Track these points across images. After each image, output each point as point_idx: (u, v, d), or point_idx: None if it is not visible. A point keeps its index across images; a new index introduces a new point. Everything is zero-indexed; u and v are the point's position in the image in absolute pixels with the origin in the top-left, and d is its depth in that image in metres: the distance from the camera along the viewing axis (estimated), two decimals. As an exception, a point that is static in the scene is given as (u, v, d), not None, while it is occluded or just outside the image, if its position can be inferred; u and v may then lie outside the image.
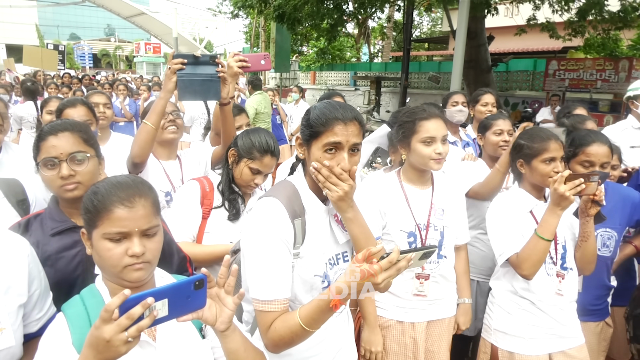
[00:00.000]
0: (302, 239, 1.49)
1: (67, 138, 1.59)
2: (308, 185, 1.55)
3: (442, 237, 2.14)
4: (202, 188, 2.16)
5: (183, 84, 2.08)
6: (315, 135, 1.45)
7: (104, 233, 1.15)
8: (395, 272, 1.17)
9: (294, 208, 1.48)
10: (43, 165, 1.57)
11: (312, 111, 1.51)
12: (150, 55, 42.93)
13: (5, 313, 1.20)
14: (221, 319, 1.10)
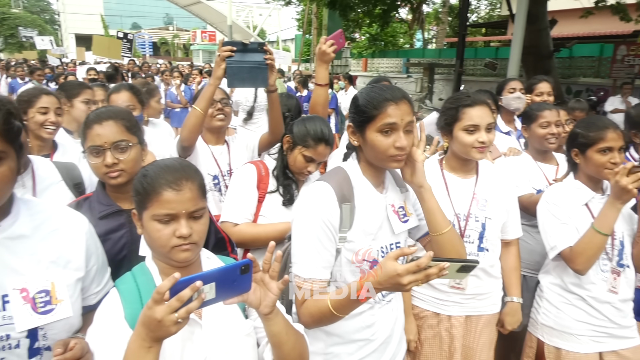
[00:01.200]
0: (350, 224, 1.51)
1: (110, 127, 1.64)
2: (362, 171, 1.58)
3: (484, 229, 2.06)
4: (258, 172, 2.19)
5: (232, 71, 2.12)
6: (368, 119, 1.47)
7: (153, 215, 1.20)
8: (423, 278, 1.18)
9: (343, 192, 1.50)
10: (89, 153, 1.64)
11: (359, 97, 1.53)
12: (206, 43, 44.04)
13: (65, 286, 1.26)
14: (265, 302, 1.13)
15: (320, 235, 1.46)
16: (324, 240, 1.47)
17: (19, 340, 1.17)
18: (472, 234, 2.06)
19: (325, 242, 1.47)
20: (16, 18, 47.10)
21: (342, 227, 1.50)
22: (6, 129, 1.11)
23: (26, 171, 1.86)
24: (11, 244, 1.19)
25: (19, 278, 1.18)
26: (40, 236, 1.24)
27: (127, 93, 2.68)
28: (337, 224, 1.49)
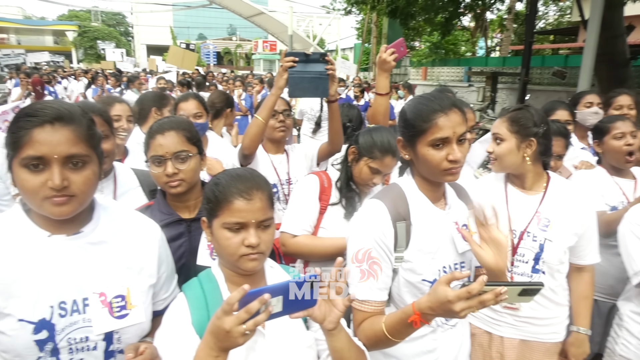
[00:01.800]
0: (406, 243, 1.46)
1: (172, 137, 1.70)
2: (417, 186, 1.52)
3: (541, 250, 1.91)
4: (320, 183, 2.17)
5: (293, 81, 2.14)
6: (418, 134, 1.41)
7: (224, 223, 1.23)
8: (477, 304, 1.12)
9: (398, 210, 1.46)
10: (152, 162, 1.71)
11: (407, 110, 1.47)
12: (267, 52, 45.14)
13: (139, 292, 1.29)
14: (330, 318, 1.12)
15: (376, 256, 1.43)
16: (380, 262, 1.43)
17: (97, 343, 1.22)
18: (526, 253, 1.93)
19: (380, 263, 1.44)
20: (95, 31, 50.76)
21: (398, 247, 1.46)
22: (89, 134, 1.17)
23: (108, 176, 1.98)
24: (92, 249, 1.23)
25: (98, 282, 1.23)
26: (118, 242, 1.29)
27: (195, 101, 2.79)
28: (392, 244, 1.45)
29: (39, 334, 1.14)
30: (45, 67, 17.57)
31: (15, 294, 1.14)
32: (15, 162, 1.12)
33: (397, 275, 1.48)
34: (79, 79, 12.39)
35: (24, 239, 1.18)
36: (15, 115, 1.15)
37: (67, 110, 1.14)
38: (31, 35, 52.42)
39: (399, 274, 1.48)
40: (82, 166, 1.15)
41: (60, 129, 1.11)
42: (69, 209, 1.14)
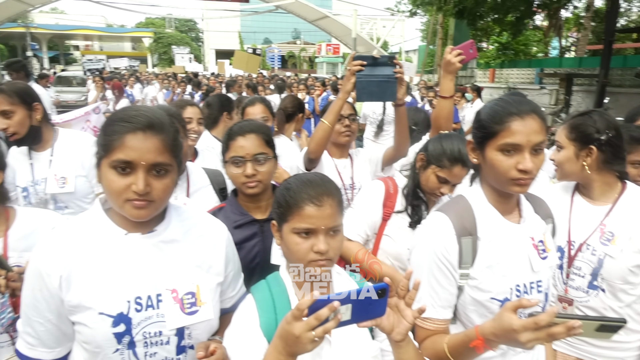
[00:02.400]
0: (472, 259, 1.38)
1: (252, 140, 1.77)
2: (486, 197, 1.42)
3: (600, 265, 1.75)
4: (386, 189, 2.12)
5: (361, 85, 2.12)
6: (488, 136, 1.33)
7: (293, 228, 1.23)
8: (545, 337, 1.05)
9: (464, 225, 1.38)
10: (231, 163, 1.77)
11: (483, 110, 1.40)
12: (330, 55, 45.51)
13: (207, 289, 1.32)
14: (398, 329, 1.09)
15: (436, 273, 1.37)
16: (440, 278, 1.38)
17: (169, 337, 1.26)
18: (583, 267, 1.79)
19: (441, 280, 1.38)
20: (169, 37, 53.60)
21: (463, 264, 1.37)
22: (174, 144, 1.21)
23: (182, 174, 2.08)
24: (165, 247, 1.28)
25: (170, 279, 1.27)
26: (188, 241, 1.33)
27: (261, 105, 2.87)
28: (456, 261, 1.37)
29: (117, 327, 1.19)
30: (124, 71, 18.80)
31: (95, 288, 1.20)
32: (105, 163, 1.17)
33: (463, 292, 1.40)
34: (152, 83, 13.09)
35: (103, 236, 1.24)
36: (110, 118, 1.21)
37: (158, 119, 1.19)
38: (112, 41, 56.36)
39: (464, 292, 1.40)
40: (164, 174, 1.19)
41: (150, 137, 1.15)
42: (146, 213, 1.18)
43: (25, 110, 2.24)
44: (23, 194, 2.31)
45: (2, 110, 2.18)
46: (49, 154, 2.33)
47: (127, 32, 58.84)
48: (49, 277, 1.19)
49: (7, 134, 2.21)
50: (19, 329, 1.29)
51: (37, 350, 1.26)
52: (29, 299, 1.24)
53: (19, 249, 1.63)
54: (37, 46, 41.59)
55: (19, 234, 1.65)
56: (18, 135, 2.22)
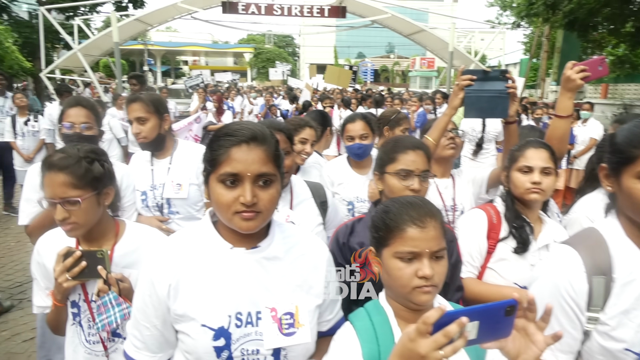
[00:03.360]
0: (604, 302, 1.23)
1: (422, 157, 1.80)
2: (625, 232, 1.26)
3: None
4: (489, 219, 2.01)
5: (470, 101, 2.05)
6: (626, 161, 1.19)
7: (396, 252, 1.19)
8: None
9: (596, 262, 1.23)
10: (396, 174, 1.76)
11: (619, 133, 1.26)
12: (424, 69, 44.87)
13: (306, 311, 1.29)
14: (525, 356, 0.98)
15: (559, 314, 1.24)
16: (563, 320, 1.25)
17: (266, 357, 1.25)
18: None
19: (564, 322, 1.25)
20: (267, 52, 56.30)
21: (592, 306, 1.23)
22: (276, 155, 1.23)
23: (286, 188, 2.15)
24: (267, 264, 1.28)
25: (270, 298, 1.26)
26: (290, 259, 1.31)
27: (362, 122, 2.87)
28: (584, 302, 1.23)
29: (218, 341, 1.21)
30: (226, 84, 20.01)
31: (200, 299, 1.22)
32: (213, 177, 1.20)
33: (590, 339, 1.26)
34: (249, 97, 13.75)
35: (210, 249, 1.27)
36: (215, 134, 1.25)
37: (261, 131, 1.21)
38: (216, 57, 60.43)
39: (592, 338, 1.25)
40: (269, 184, 1.20)
41: (254, 148, 1.18)
42: (255, 224, 1.19)
43: (157, 120, 2.48)
44: (142, 197, 2.53)
45: (138, 116, 2.44)
46: (168, 162, 2.54)
47: (230, 47, 62.76)
48: (159, 284, 1.24)
49: (138, 138, 2.45)
50: (128, 330, 1.35)
51: (141, 353, 1.31)
52: (139, 303, 1.29)
53: (121, 264, 1.67)
54: (152, 61, 45.84)
55: (124, 250, 1.69)
56: (146, 140, 2.46)
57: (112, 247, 1.68)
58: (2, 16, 18.88)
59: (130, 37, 20.90)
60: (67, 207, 1.53)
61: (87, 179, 1.56)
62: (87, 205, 1.56)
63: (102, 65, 33.19)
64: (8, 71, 13.04)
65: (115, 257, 1.67)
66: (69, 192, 1.53)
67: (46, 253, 1.69)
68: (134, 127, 2.45)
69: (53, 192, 1.53)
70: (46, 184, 1.54)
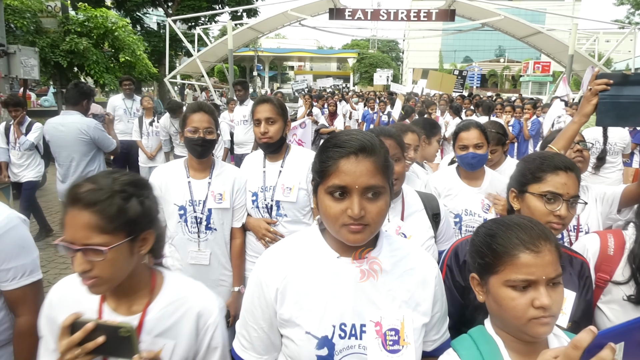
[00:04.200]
0: None
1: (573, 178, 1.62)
2: None
3: None
4: (602, 248, 1.75)
5: (605, 107, 1.87)
6: None
7: (507, 280, 1.11)
8: None
9: None
10: (542, 197, 1.59)
11: None
12: (538, 74, 41.83)
13: (412, 329, 1.24)
14: None
15: None
16: None
17: None
18: None
19: None
20: (371, 57, 56.49)
21: None
22: (385, 165, 1.19)
23: (397, 197, 2.10)
24: (373, 275, 1.25)
25: (375, 311, 1.22)
26: (397, 273, 1.27)
27: (477, 131, 2.71)
28: None
29: (321, 350, 1.19)
30: (329, 89, 20.41)
31: (305, 306, 1.22)
32: (321, 189, 1.19)
33: None
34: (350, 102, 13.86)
35: (317, 257, 1.27)
36: (324, 145, 1.23)
37: (370, 142, 1.17)
38: (320, 62, 62.01)
39: None
40: (378, 197, 1.17)
41: (363, 160, 1.15)
42: (362, 237, 1.16)
43: (283, 122, 2.60)
44: (252, 198, 2.65)
45: (268, 117, 2.55)
46: (280, 165, 2.64)
47: (334, 53, 64.04)
48: (267, 287, 1.25)
49: (264, 138, 2.56)
50: (237, 329, 1.37)
51: (248, 353, 1.33)
52: (248, 304, 1.31)
53: (154, 331, 1.32)
54: (261, 67, 48.39)
55: (160, 312, 1.35)
56: (271, 141, 2.57)
57: (144, 308, 1.34)
58: (136, 27, 21.24)
59: (243, 44, 22.29)
60: (89, 257, 1.19)
61: (119, 221, 1.21)
62: (116, 256, 1.22)
63: (217, 71, 35.74)
64: (138, 77, 14.55)
65: (147, 323, 1.32)
66: (94, 238, 1.19)
67: (60, 306, 1.34)
68: (262, 126, 2.54)
69: (73, 235, 1.19)
70: (67, 222, 1.21)
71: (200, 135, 2.48)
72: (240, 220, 2.65)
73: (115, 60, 14.10)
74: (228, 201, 2.57)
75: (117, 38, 13.64)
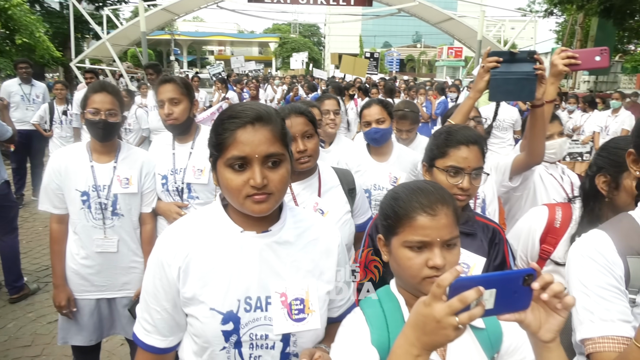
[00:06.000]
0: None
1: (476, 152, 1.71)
2: None
3: None
4: (549, 221, 1.85)
5: (496, 83, 1.98)
6: None
7: (405, 241, 1.15)
8: None
9: (629, 244, 1.21)
10: (446, 172, 1.68)
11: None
12: (452, 59, 44.02)
13: (317, 297, 1.27)
14: (547, 326, 0.91)
15: (602, 283, 1.18)
16: (611, 289, 1.19)
17: (275, 342, 1.23)
18: None
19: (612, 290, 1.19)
20: (292, 42, 56.22)
21: (630, 287, 1.19)
22: (283, 133, 1.19)
23: (314, 174, 2.12)
24: (278, 248, 1.25)
25: (280, 282, 1.24)
26: (301, 244, 1.29)
27: (378, 107, 2.83)
28: (621, 272, 1.19)
29: (226, 325, 1.19)
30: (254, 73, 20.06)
31: (209, 283, 1.21)
32: (220, 162, 1.17)
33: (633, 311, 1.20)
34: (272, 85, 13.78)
35: (220, 232, 1.25)
36: (218, 118, 1.20)
37: (265, 111, 1.17)
38: (242, 47, 60.76)
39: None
40: (279, 165, 1.17)
41: (260, 129, 1.14)
42: (267, 206, 1.16)
43: (188, 102, 2.50)
44: (162, 181, 2.55)
45: (171, 97, 2.45)
46: (190, 147, 2.55)
47: (256, 37, 62.98)
48: (169, 267, 1.22)
49: (169, 119, 2.46)
50: (138, 314, 1.32)
51: (152, 337, 1.29)
52: (149, 286, 1.27)
53: None
54: (179, 51, 46.43)
55: None
56: (177, 122, 2.48)
57: None
58: (35, 7, 19.38)
59: (157, 26, 21.20)
60: None
61: None
62: None
63: (130, 55, 33.74)
64: (39, 60, 13.36)
65: None
66: None
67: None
68: (166, 107, 2.44)
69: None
70: None
71: (102, 117, 2.32)
72: (150, 205, 2.55)
73: (10, 43, 12.83)
74: (136, 185, 2.45)
75: (11, 17, 12.39)
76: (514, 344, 1.17)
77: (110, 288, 2.50)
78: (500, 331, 1.18)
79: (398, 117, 3.25)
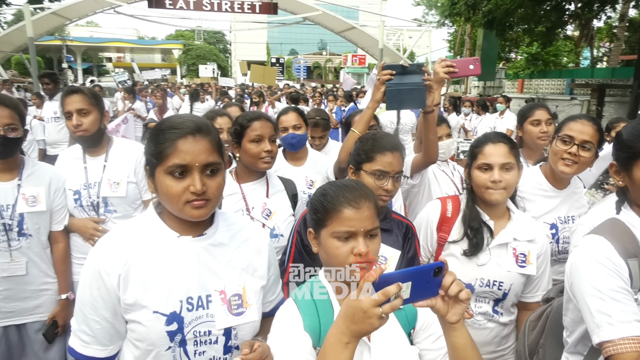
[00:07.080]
0: None
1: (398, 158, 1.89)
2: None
3: None
4: (442, 211, 2.02)
5: (391, 94, 2.16)
6: (635, 156, 1.30)
7: (333, 232, 1.25)
8: None
9: (626, 247, 1.28)
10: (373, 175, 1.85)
11: (624, 131, 1.38)
12: (356, 66, 45.76)
13: (252, 292, 1.38)
14: (454, 309, 1.06)
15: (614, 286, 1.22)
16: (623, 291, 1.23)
17: (218, 337, 1.32)
18: None
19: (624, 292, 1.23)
20: (197, 49, 54.76)
21: (632, 288, 1.24)
22: (219, 144, 1.29)
23: (262, 177, 2.27)
24: (214, 250, 1.35)
25: (219, 281, 1.33)
26: (234, 245, 1.40)
27: (294, 114, 2.94)
28: (626, 274, 1.24)
29: (170, 326, 1.25)
30: (163, 83, 19.25)
31: (150, 287, 1.26)
32: (160, 170, 1.23)
33: None
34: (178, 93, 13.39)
35: (157, 238, 1.30)
36: (157, 128, 1.27)
37: (204, 122, 1.27)
38: (143, 53, 57.91)
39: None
40: (216, 173, 1.26)
41: (200, 139, 1.23)
42: (205, 211, 1.25)
43: (98, 114, 2.41)
44: (74, 196, 2.42)
45: (80, 108, 2.35)
46: (103, 160, 2.46)
47: (158, 44, 60.37)
48: (108, 275, 1.24)
49: (78, 131, 2.35)
50: (73, 327, 1.32)
51: (91, 348, 1.30)
52: (86, 297, 1.27)
53: None
54: (72, 58, 43.10)
55: None
56: (87, 134, 2.37)
57: None
58: None
59: (46, 32, 19.55)
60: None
61: None
62: None
63: (15, 63, 30.73)
64: None
65: None
66: None
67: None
68: (74, 119, 2.33)
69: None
70: None
71: (1, 132, 2.16)
72: (61, 223, 2.41)
73: None
74: (44, 203, 2.30)
75: None
76: (427, 321, 1.33)
77: (20, 314, 2.32)
78: (415, 310, 1.33)
79: (311, 125, 3.38)
